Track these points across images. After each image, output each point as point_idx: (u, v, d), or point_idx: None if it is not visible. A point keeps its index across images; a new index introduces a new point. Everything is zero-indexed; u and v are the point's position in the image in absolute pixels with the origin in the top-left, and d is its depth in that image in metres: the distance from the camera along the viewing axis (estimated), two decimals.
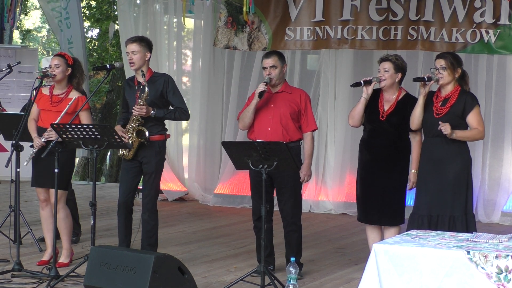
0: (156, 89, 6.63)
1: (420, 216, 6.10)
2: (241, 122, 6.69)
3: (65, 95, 6.70)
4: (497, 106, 9.64)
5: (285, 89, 6.66)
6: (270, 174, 6.33)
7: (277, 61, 6.58)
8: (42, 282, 6.15)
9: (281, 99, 6.61)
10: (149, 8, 11.06)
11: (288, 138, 6.52)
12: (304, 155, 6.68)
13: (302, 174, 6.56)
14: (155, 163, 6.64)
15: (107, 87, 18.81)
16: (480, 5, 9.32)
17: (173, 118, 6.70)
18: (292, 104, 6.59)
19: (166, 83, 6.67)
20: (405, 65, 6.47)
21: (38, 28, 25.57)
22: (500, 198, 9.61)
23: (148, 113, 6.53)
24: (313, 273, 6.79)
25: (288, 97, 6.62)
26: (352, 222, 9.43)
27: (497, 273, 4.32)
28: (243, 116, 6.65)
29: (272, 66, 6.56)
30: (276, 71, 6.57)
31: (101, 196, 10.62)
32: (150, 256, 5.32)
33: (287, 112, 6.56)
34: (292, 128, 6.58)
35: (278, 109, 6.57)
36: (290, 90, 6.70)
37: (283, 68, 6.62)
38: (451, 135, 5.93)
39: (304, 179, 6.61)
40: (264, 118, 6.59)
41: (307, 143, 6.66)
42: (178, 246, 7.86)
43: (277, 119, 6.56)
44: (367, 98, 6.40)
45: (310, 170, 6.64)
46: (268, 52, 6.84)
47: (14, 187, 6.83)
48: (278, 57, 6.62)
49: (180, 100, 6.71)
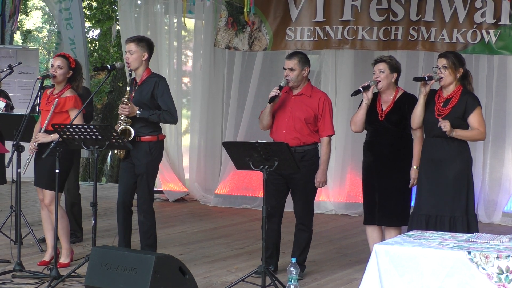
0: (147, 90, 6.58)
1: (419, 216, 6.10)
2: (260, 123, 6.71)
3: (58, 95, 6.68)
4: (498, 106, 9.64)
5: (305, 92, 6.61)
6: (286, 176, 6.39)
7: (297, 64, 6.52)
8: (43, 283, 6.15)
9: (299, 103, 6.57)
10: (150, 8, 11.06)
11: (302, 142, 6.51)
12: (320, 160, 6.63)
13: (316, 181, 6.55)
14: (146, 163, 6.59)
15: (108, 88, 18.81)
16: (481, 6, 9.31)
17: (158, 120, 6.57)
18: (309, 109, 6.54)
19: (157, 84, 6.57)
20: (399, 65, 6.49)
21: (39, 29, 25.57)
22: (501, 198, 9.60)
23: (133, 113, 6.48)
24: (314, 273, 6.79)
25: (307, 101, 6.57)
26: (353, 222, 9.44)
27: (498, 273, 4.32)
28: (261, 118, 6.67)
29: (290, 68, 6.53)
30: (294, 73, 6.52)
31: (102, 197, 10.62)
32: (151, 257, 5.33)
33: (302, 117, 6.53)
34: (307, 132, 6.54)
35: (294, 113, 6.55)
36: (311, 94, 6.63)
37: (303, 71, 6.55)
38: (450, 133, 5.92)
39: (319, 185, 6.59)
40: (281, 120, 6.59)
41: (322, 149, 6.61)
42: (179, 246, 7.86)
43: (292, 123, 6.54)
44: (368, 103, 6.41)
45: (325, 176, 6.59)
46: (292, 53, 6.74)
47: (15, 187, 6.84)
48: (299, 59, 6.54)
49: (168, 103, 6.58)
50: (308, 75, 6.64)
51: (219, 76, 11.10)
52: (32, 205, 9.81)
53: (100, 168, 18.67)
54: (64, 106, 6.59)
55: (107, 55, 18.50)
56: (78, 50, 11.73)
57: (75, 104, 6.61)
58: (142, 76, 6.63)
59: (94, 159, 6.27)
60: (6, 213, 8.04)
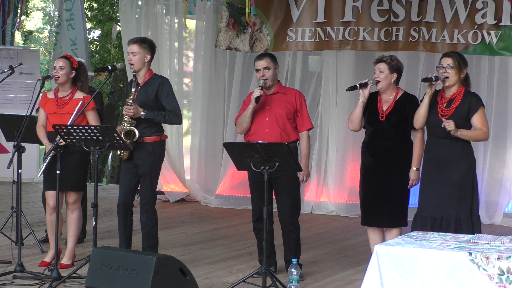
0: (151, 91, 6.60)
1: (423, 217, 6.08)
2: (239, 127, 6.70)
3: (70, 96, 6.70)
4: (499, 107, 9.64)
5: (280, 90, 6.68)
6: (269, 175, 6.34)
7: (270, 62, 6.61)
8: (44, 284, 6.14)
9: (277, 100, 6.63)
10: (151, 9, 11.07)
11: (286, 139, 6.53)
12: (300, 155, 6.68)
13: (301, 175, 6.56)
14: (149, 164, 6.62)
15: (109, 88, 18.82)
16: (482, 6, 9.32)
17: (163, 120, 6.62)
18: (288, 105, 6.61)
19: (161, 86, 6.62)
20: (400, 65, 6.47)
21: (40, 30, 25.59)
22: (502, 199, 9.60)
23: (137, 114, 6.51)
24: (314, 274, 6.79)
25: (283, 98, 6.64)
26: (353, 223, 9.43)
27: (498, 274, 4.32)
28: (240, 121, 6.66)
29: (265, 67, 6.59)
30: (270, 72, 6.59)
31: (103, 197, 10.62)
32: (152, 258, 5.33)
33: (283, 113, 6.58)
34: (289, 128, 6.60)
35: (274, 111, 6.58)
36: (285, 91, 6.72)
37: (276, 69, 6.65)
38: (455, 133, 5.90)
39: (304, 179, 6.61)
40: (261, 120, 6.60)
41: (303, 143, 6.67)
42: (179, 247, 7.86)
43: (274, 120, 6.57)
44: (364, 101, 6.41)
45: (308, 169, 6.65)
46: (260, 54, 6.85)
47: (16, 188, 6.83)
48: (271, 58, 6.65)
49: (173, 104, 6.64)
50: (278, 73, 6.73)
51: (220, 77, 11.11)
52: (33, 206, 9.82)
53: (101, 169, 18.67)
54: (85, 107, 6.60)
55: (108, 56, 18.50)
56: (80, 51, 11.73)
57: (95, 104, 6.67)
58: (145, 78, 6.64)
59: (95, 160, 6.27)
60: (7, 214, 8.04)
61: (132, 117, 6.53)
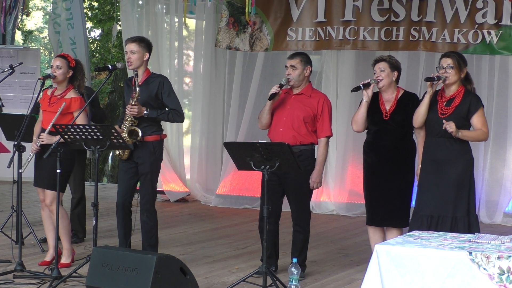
0: (151, 90, 6.62)
1: (420, 216, 6.10)
2: (259, 122, 6.71)
3: (62, 95, 6.69)
4: (499, 106, 9.64)
5: (305, 92, 6.61)
6: (280, 176, 6.38)
7: (299, 62, 6.54)
8: (44, 283, 6.15)
9: (299, 101, 6.58)
10: (151, 8, 11.07)
11: (299, 141, 6.49)
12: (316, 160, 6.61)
13: (311, 181, 6.53)
14: (150, 163, 6.63)
15: (109, 88, 18.82)
16: (482, 6, 9.32)
17: (166, 119, 6.66)
18: (308, 108, 6.54)
19: (162, 84, 6.64)
20: (399, 64, 6.49)
21: (40, 29, 25.58)
22: (502, 199, 9.60)
23: (141, 113, 6.52)
24: (315, 273, 6.79)
25: (306, 100, 6.58)
26: (354, 223, 9.44)
27: (499, 274, 4.32)
28: (260, 116, 6.67)
29: (292, 66, 6.55)
30: (296, 72, 6.54)
31: (103, 197, 10.62)
32: (152, 257, 5.32)
33: (300, 116, 6.52)
34: (304, 131, 6.53)
35: (293, 111, 6.54)
36: (310, 94, 6.64)
37: (304, 70, 6.56)
38: (456, 134, 5.91)
39: (314, 186, 6.57)
40: (279, 119, 6.59)
41: (319, 150, 6.59)
42: (180, 246, 7.86)
43: (290, 121, 6.53)
44: (368, 100, 6.41)
45: (320, 177, 6.57)
46: (295, 53, 6.81)
47: (16, 187, 6.84)
48: (301, 58, 6.58)
49: (175, 102, 6.67)
50: (309, 75, 6.64)
51: (220, 77, 11.11)
52: (33, 205, 9.82)
53: (101, 168, 18.67)
54: (70, 108, 6.60)
55: (109, 55, 18.51)
56: (79, 50, 11.72)
57: (81, 105, 6.63)
58: (143, 76, 6.65)
59: (95, 159, 6.27)
60: (7, 213, 8.05)
61: (135, 117, 6.53)
